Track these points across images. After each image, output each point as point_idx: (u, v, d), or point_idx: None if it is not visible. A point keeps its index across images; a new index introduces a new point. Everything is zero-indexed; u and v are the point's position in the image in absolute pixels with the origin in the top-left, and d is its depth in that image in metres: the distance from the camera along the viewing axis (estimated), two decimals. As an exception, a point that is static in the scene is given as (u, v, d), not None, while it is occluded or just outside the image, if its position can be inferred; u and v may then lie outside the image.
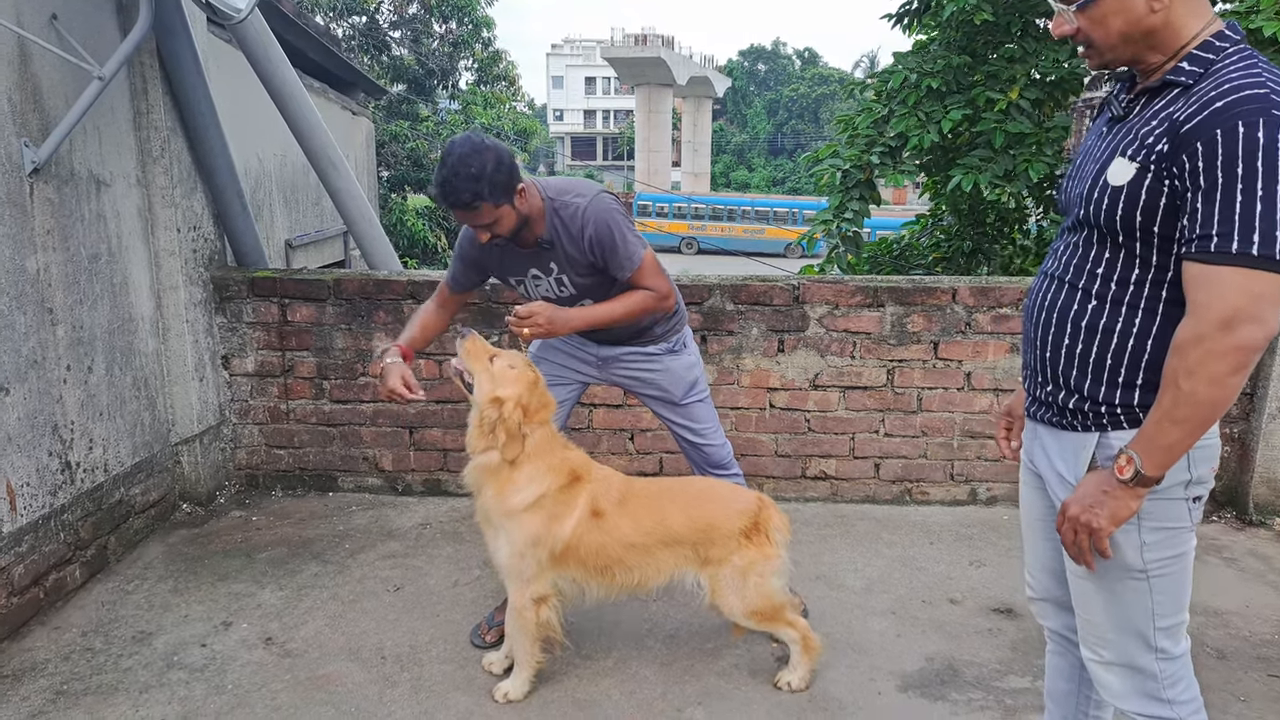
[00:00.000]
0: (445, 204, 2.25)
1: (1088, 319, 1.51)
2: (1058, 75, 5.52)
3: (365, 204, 4.37)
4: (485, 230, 2.30)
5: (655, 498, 2.43)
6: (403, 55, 17.35)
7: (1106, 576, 1.54)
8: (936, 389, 3.72)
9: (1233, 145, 1.28)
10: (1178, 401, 1.35)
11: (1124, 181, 1.41)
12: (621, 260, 2.39)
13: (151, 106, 3.39)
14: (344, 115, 8.01)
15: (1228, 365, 1.31)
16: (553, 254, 2.43)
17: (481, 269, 2.59)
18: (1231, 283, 1.30)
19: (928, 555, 3.35)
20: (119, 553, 3.21)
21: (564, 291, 2.49)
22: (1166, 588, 1.53)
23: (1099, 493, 1.45)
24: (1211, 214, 1.30)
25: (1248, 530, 3.56)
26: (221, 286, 3.72)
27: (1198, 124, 1.31)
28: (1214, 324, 1.31)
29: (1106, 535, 1.45)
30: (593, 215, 2.36)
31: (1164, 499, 1.47)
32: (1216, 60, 1.37)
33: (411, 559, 3.26)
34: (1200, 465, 1.48)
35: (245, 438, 3.84)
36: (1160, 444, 1.38)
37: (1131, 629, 1.56)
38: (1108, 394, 1.50)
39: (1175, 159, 1.34)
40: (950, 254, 6.48)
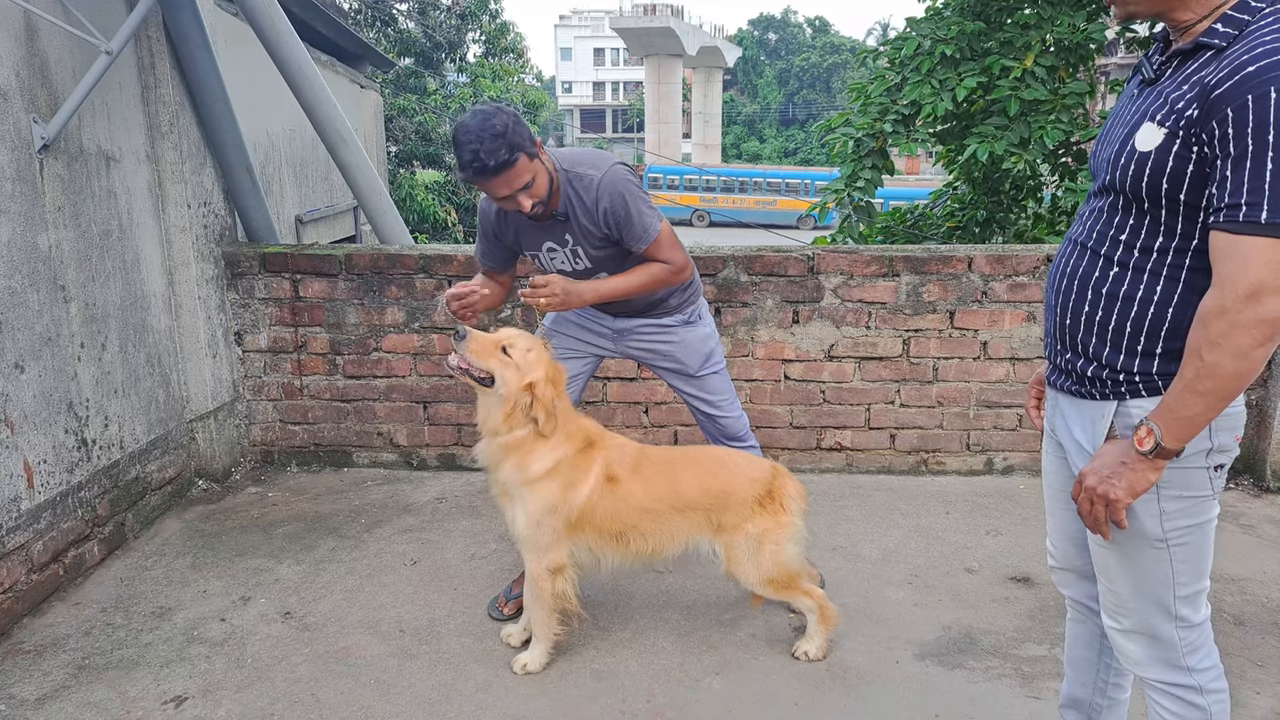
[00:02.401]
0: (483, 174, 2.19)
1: (1109, 286, 1.48)
2: (1073, 41, 5.41)
3: (375, 178, 4.34)
4: (525, 194, 2.25)
5: (669, 464, 2.43)
6: (410, 28, 17.19)
7: (1127, 545, 1.53)
8: (953, 359, 3.68)
9: (1264, 112, 1.23)
10: (1201, 373, 1.33)
11: (1152, 147, 1.38)
12: (637, 233, 2.38)
13: (159, 81, 3.36)
14: (352, 88, 7.95)
15: (1253, 338, 1.28)
16: (567, 227, 2.42)
17: (502, 244, 2.57)
18: (1259, 254, 1.26)
19: (944, 525, 3.33)
20: (137, 529, 3.24)
21: (579, 264, 2.48)
22: (1187, 556, 1.51)
23: (1117, 464, 1.43)
24: (1241, 183, 1.26)
25: (1265, 497, 3.54)
26: (233, 262, 3.71)
27: (1228, 89, 1.27)
28: (1240, 296, 1.28)
29: (1123, 507, 1.43)
30: (607, 188, 2.35)
31: (1184, 468, 1.45)
32: (1252, 22, 1.32)
33: (428, 533, 3.27)
34: (1222, 434, 1.45)
35: (260, 414, 3.85)
36: (1182, 416, 1.36)
37: (1152, 597, 1.55)
38: (1126, 362, 1.47)
39: (1205, 125, 1.30)
40: (965, 223, 6.40)
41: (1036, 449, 3.73)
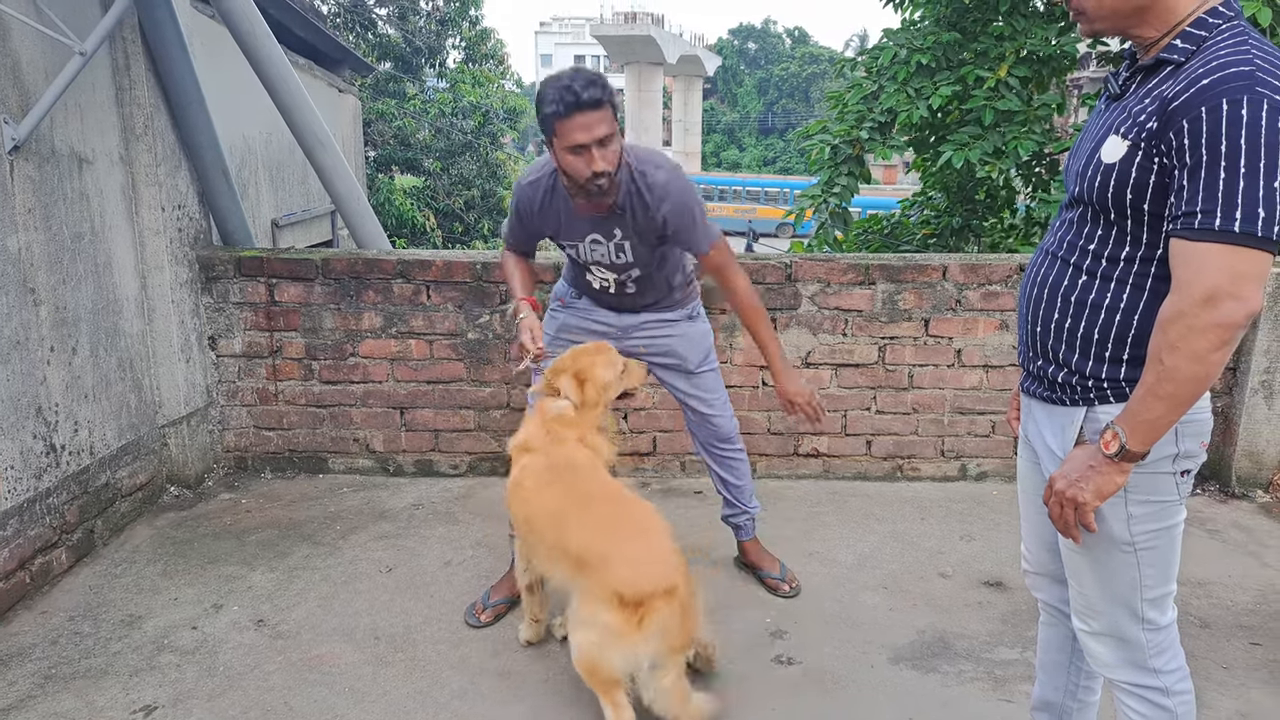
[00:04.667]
0: (574, 106, 2.10)
1: (1077, 294, 1.52)
2: (1046, 53, 5.50)
3: (353, 182, 4.32)
4: (600, 150, 2.15)
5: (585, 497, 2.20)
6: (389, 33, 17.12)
7: (1095, 548, 1.56)
8: (927, 366, 3.72)
9: (1217, 122, 1.28)
10: (1161, 377, 1.36)
11: (1116, 159, 1.42)
12: (699, 238, 2.42)
13: (134, 83, 3.33)
14: (330, 92, 7.91)
15: (1209, 342, 1.31)
16: (620, 221, 2.36)
17: (536, 233, 2.53)
18: (1214, 260, 1.30)
19: (919, 531, 3.36)
20: (106, 536, 3.19)
21: (620, 258, 2.44)
22: (1154, 560, 1.55)
23: (1085, 467, 1.46)
24: (1196, 191, 1.30)
25: (1230, 502, 3.60)
26: (207, 266, 3.68)
27: (1184, 101, 1.32)
28: (1196, 301, 1.31)
29: (1091, 510, 1.46)
30: (674, 191, 2.33)
31: (1151, 473, 1.48)
32: (1209, 37, 1.36)
33: (404, 540, 3.25)
34: (1188, 439, 1.49)
35: (233, 419, 3.81)
36: (1144, 419, 1.39)
37: (1120, 600, 1.58)
38: (1095, 368, 1.51)
39: (1164, 136, 1.35)
40: (940, 230, 6.48)
41: (1009, 455, 3.77)
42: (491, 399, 3.78)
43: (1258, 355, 3.51)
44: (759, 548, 2.99)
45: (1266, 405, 3.56)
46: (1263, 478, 3.64)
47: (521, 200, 2.46)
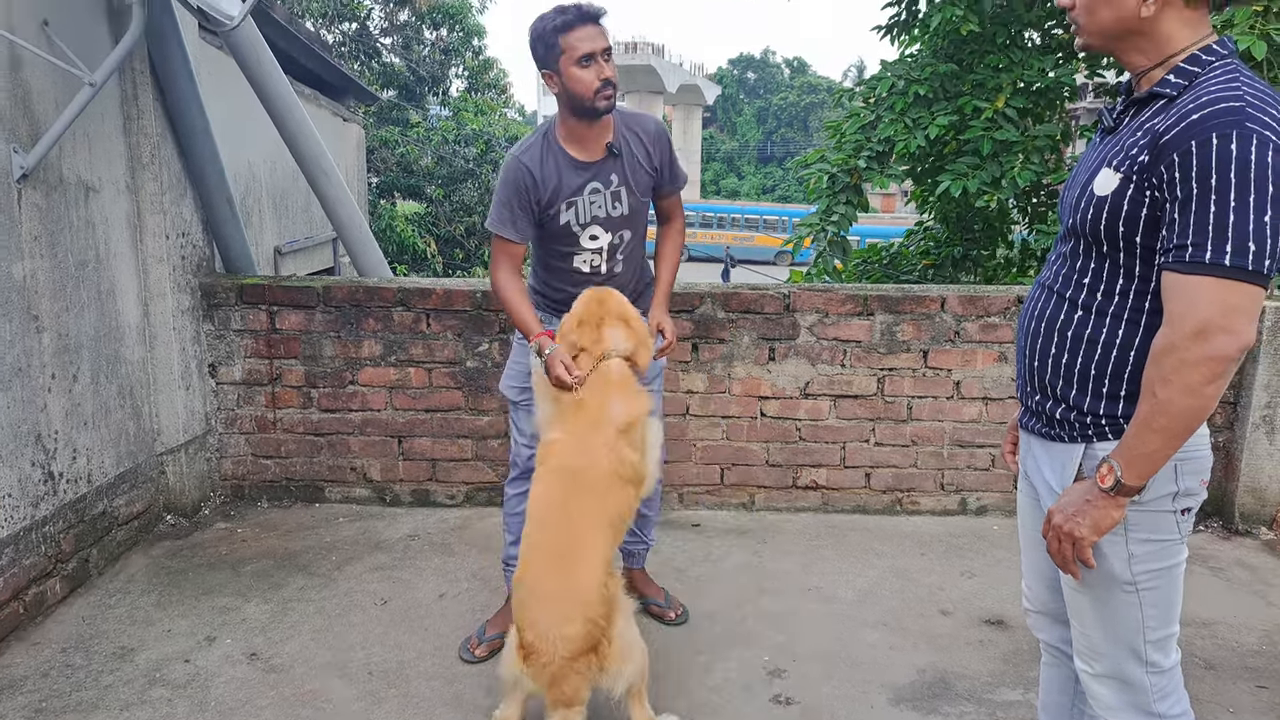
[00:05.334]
0: (587, 18, 2.29)
1: (1074, 329, 1.52)
2: (1043, 85, 5.56)
3: (355, 211, 4.34)
4: (608, 62, 2.32)
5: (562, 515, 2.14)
6: (394, 62, 17.32)
7: (1097, 588, 1.55)
8: (926, 398, 3.72)
9: (1206, 157, 1.29)
10: (1155, 410, 1.36)
11: (1108, 191, 1.43)
12: (677, 171, 2.60)
13: (142, 112, 3.36)
14: (335, 121, 7.98)
15: (1201, 375, 1.32)
16: (616, 165, 2.46)
17: (536, 203, 2.44)
18: (1205, 293, 1.31)
19: (919, 566, 3.34)
20: (101, 566, 3.17)
21: (616, 210, 2.48)
22: (1156, 600, 1.53)
23: (1082, 502, 1.46)
24: (1187, 225, 1.31)
25: (1234, 539, 3.58)
26: (210, 293, 3.69)
27: (1175, 136, 1.33)
28: (1187, 334, 1.32)
29: (1089, 545, 1.46)
30: (656, 123, 2.56)
31: (1151, 511, 1.48)
32: (1202, 74, 1.38)
33: (399, 571, 3.23)
34: (1188, 477, 1.48)
35: (231, 447, 3.80)
36: (1139, 453, 1.39)
37: (1122, 641, 1.56)
38: (1093, 404, 1.50)
39: (1155, 170, 1.36)
40: (940, 260, 6.51)
41: (1009, 489, 3.76)
42: (489, 428, 3.77)
43: (1258, 390, 3.51)
44: (645, 577, 2.96)
45: (1268, 440, 3.55)
46: (1266, 514, 3.62)
47: (519, 173, 2.40)
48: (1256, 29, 4.07)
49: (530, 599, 2.06)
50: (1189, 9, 1.40)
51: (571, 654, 2.00)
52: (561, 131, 2.43)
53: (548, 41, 2.31)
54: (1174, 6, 1.40)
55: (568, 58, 2.29)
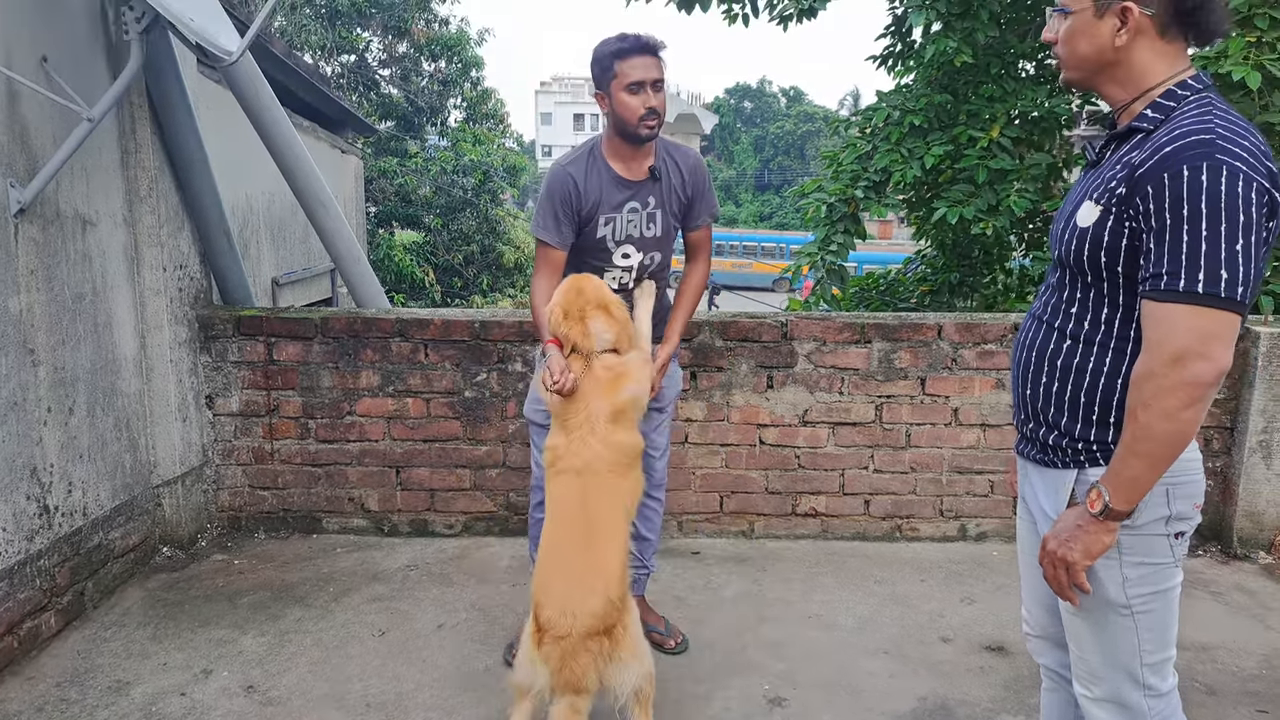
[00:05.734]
0: (647, 49, 2.41)
1: (1063, 358, 1.55)
2: (1037, 115, 5.63)
3: (354, 243, 4.37)
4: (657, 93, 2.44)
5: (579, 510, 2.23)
6: (392, 93, 17.50)
7: (1093, 611, 1.57)
8: (924, 424, 3.72)
9: (1178, 188, 1.33)
10: (1137, 436, 1.39)
11: (1089, 223, 1.47)
12: (707, 204, 2.69)
13: (140, 146, 3.39)
14: (333, 153, 8.05)
15: (1179, 400, 1.35)
16: (655, 189, 2.57)
17: (578, 212, 2.54)
18: (1180, 320, 1.35)
19: (919, 593, 3.32)
20: (96, 599, 3.15)
21: (650, 231, 2.60)
22: (1152, 624, 1.55)
23: (1074, 527, 1.48)
24: (1162, 254, 1.35)
25: (1232, 564, 3.56)
26: (207, 325, 3.69)
27: (1149, 168, 1.37)
28: (1165, 360, 1.36)
29: (1081, 569, 1.47)
30: (696, 157, 2.69)
31: (1144, 535, 1.50)
32: (1177, 108, 1.43)
33: (397, 602, 3.20)
34: (1180, 501, 1.50)
35: (228, 479, 3.79)
36: (1126, 477, 1.42)
37: (1120, 665, 1.57)
38: (1084, 431, 1.53)
39: (1132, 202, 1.40)
40: (937, 286, 6.54)
41: (1009, 515, 3.75)
42: (488, 458, 3.77)
43: (1254, 415, 3.51)
44: (645, 604, 2.92)
45: (1265, 465, 3.55)
46: (1264, 539, 3.61)
47: (565, 181, 2.52)
48: (1251, 59, 4.12)
49: (552, 577, 2.15)
50: (1162, 40, 1.45)
51: (588, 629, 2.05)
52: (607, 149, 2.56)
53: (604, 64, 2.44)
54: (1147, 37, 1.44)
55: (619, 82, 2.42)
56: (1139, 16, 1.43)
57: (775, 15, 5.85)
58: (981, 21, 5.44)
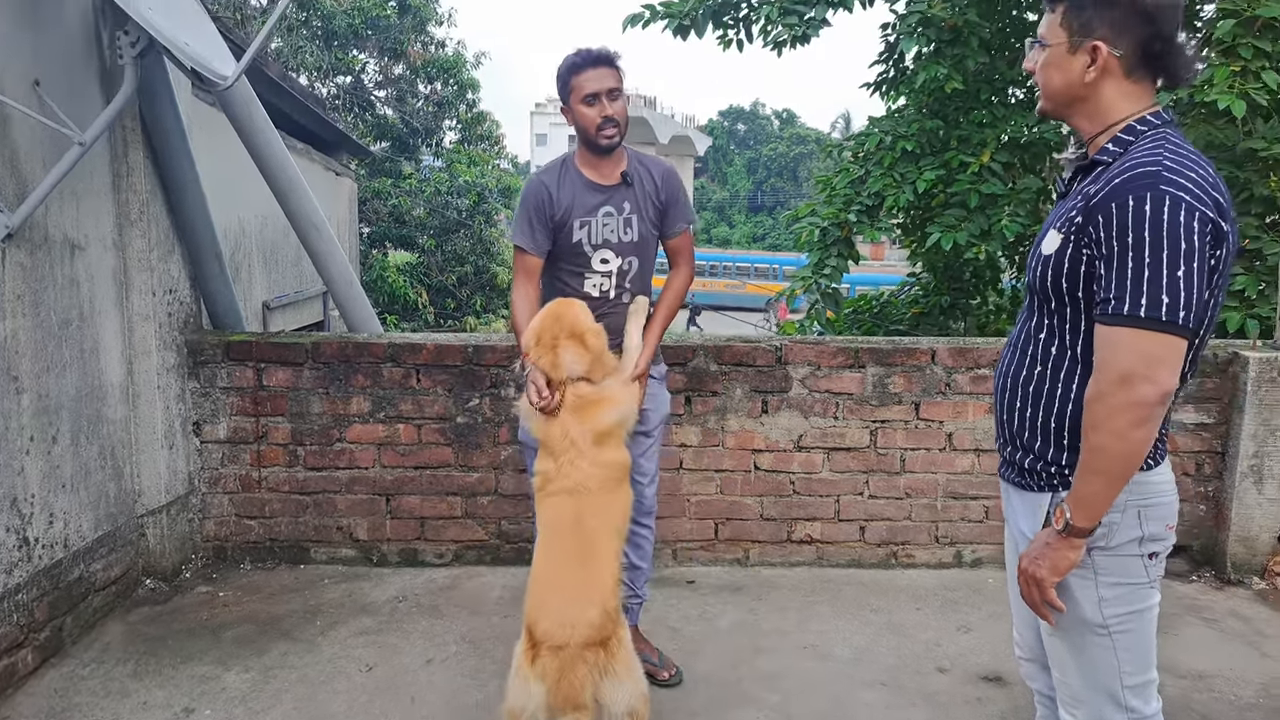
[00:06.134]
0: (600, 60, 2.54)
1: (1034, 384, 1.61)
2: (1027, 140, 5.66)
3: (346, 266, 4.34)
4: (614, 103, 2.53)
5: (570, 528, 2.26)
6: (387, 114, 17.55)
7: (1072, 633, 1.61)
8: (919, 449, 3.69)
9: (1124, 217, 1.41)
10: (1091, 455, 1.46)
11: (1052, 251, 1.54)
12: (682, 210, 2.75)
13: (131, 170, 3.36)
14: (327, 176, 8.04)
15: (1127, 420, 1.41)
16: (629, 194, 2.65)
17: (551, 219, 2.63)
18: (1126, 343, 1.41)
19: (915, 621, 3.28)
20: (75, 634, 3.07)
21: (628, 235, 2.65)
22: (1130, 644, 1.58)
23: (1042, 545, 1.55)
24: (1111, 280, 1.42)
25: (1227, 589, 3.53)
26: (196, 350, 3.65)
27: (1101, 199, 1.45)
28: (1112, 381, 1.42)
29: (1050, 585, 1.53)
30: (668, 166, 2.77)
31: (1119, 555, 1.55)
32: (1135, 142, 1.50)
33: (385, 635, 3.15)
34: (1151, 522, 1.55)
35: (214, 507, 3.73)
36: (1083, 495, 1.48)
37: (1101, 687, 1.61)
38: (1055, 455, 1.59)
39: (1087, 230, 1.47)
40: (929, 309, 6.56)
41: (1003, 541, 3.71)
42: (479, 485, 3.72)
43: (1245, 440, 3.50)
44: (638, 634, 2.87)
45: (1256, 490, 3.53)
46: (1257, 563, 3.58)
47: (539, 189, 2.64)
48: (1235, 88, 4.16)
49: (548, 593, 2.18)
50: (1128, 81, 1.53)
51: (586, 639, 2.07)
52: (579, 159, 2.67)
53: (563, 80, 2.59)
54: (1114, 76, 1.52)
55: (576, 95, 2.55)
56: (1107, 56, 1.50)
57: (770, 41, 5.88)
58: (971, 49, 5.49)
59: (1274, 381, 3.46)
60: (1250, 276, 4.25)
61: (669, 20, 6.01)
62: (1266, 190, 4.39)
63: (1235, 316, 4.18)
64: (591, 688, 2.07)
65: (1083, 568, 1.54)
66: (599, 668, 2.09)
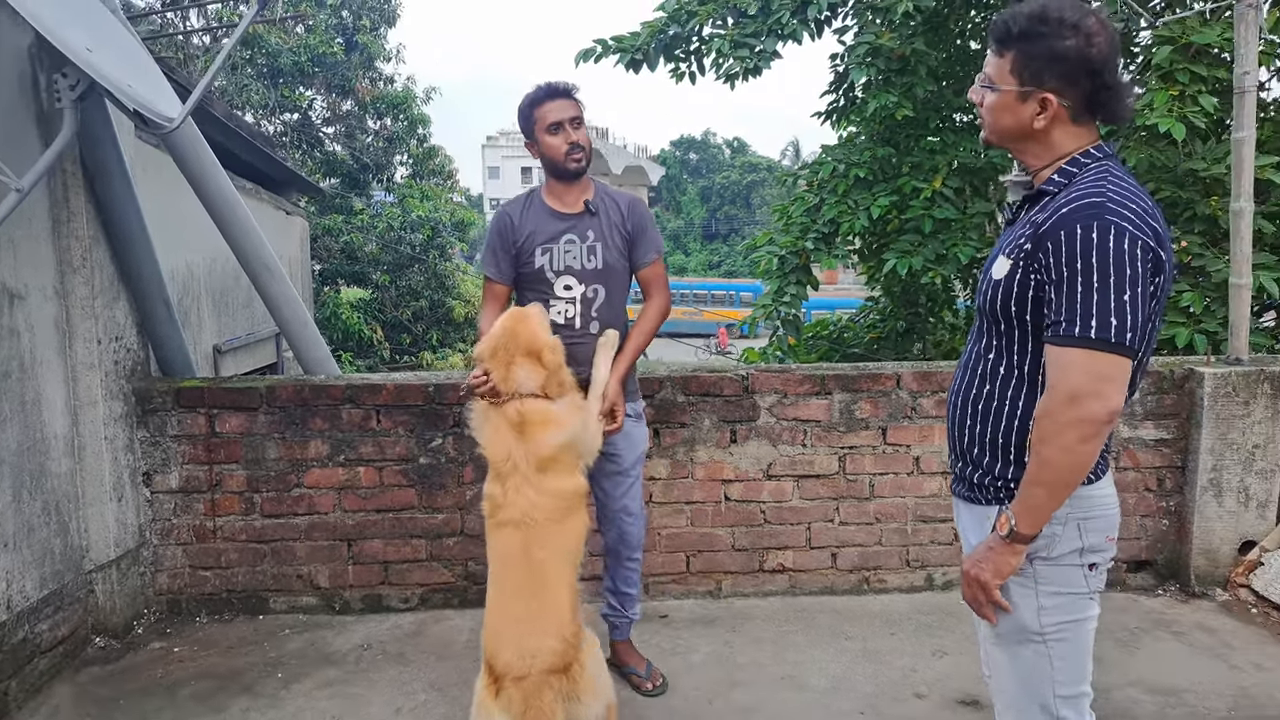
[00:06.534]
0: (557, 93, 2.64)
1: (983, 402, 1.68)
2: (977, 165, 5.80)
3: (301, 307, 4.25)
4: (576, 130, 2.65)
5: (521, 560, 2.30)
6: (336, 150, 17.38)
7: (1010, 640, 1.67)
8: (887, 474, 3.70)
9: (1072, 244, 1.48)
10: (1038, 467, 1.53)
11: (1002, 275, 1.61)
12: (650, 239, 2.78)
13: (73, 215, 3.25)
14: (278, 215, 7.91)
15: (1075, 436, 1.48)
16: (593, 222, 2.71)
17: (515, 245, 2.72)
18: (1075, 362, 1.48)
19: (890, 647, 3.26)
20: (21, 699, 2.91)
21: (591, 263, 2.70)
22: (1065, 653, 1.64)
23: (985, 550, 1.62)
24: (1061, 303, 1.49)
25: (1192, 602, 3.59)
26: (144, 398, 3.53)
27: (1049, 227, 1.52)
28: (1061, 399, 1.49)
29: (994, 588, 1.61)
30: (635, 198, 2.83)
31: (1060, 565, 1.61)
32: (1079, 174, 1.59)
33: (351, 685, 3.03)
34: (1092, 534, 1.61)
35: (167, 560, 3.59)
36: (1028, 504, 1.55)
37: (1034, 694, 1.67)
38: (1003, 470, 1.65)
39: (1036, 256, 1.54)
40: (886, 333, 6.64)
41: (975, 562, 3.73)
42: (445, 526, 3.63)
43: (1203, 455, 3.57)
44: (629, 647, 3.06)
45: (1217, 503, 3.60)
46: (1220, 575, 3.65)
47: (503, 219, 2.76)
48: (1174, 112, 4.31)
49: (504, 627, 2.21)
50: (1074, 125, 1.61)
51: (548, 666, 2.12)
52: (545, 191, 2.77)
53: (525, 115, 2.68)
54: (1062, 121, 1.60)
55: (540, 126, 2.65)
56: (1057, 106, 1.58)
57: (721, 74, 5.96)
58: (920, 77, 5.62)
59: (1229, 396, 3.55)
60: (1195, 293, 4.38)
61: (621, 54, 6.06)
62: (1207, 210, 4.54)
63: (1184, 332, 4.30)
64: (562, 713, 2.10)
65: (1024, 576, 1.62)
66: (563, 694, 2.12)
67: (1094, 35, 1.54)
